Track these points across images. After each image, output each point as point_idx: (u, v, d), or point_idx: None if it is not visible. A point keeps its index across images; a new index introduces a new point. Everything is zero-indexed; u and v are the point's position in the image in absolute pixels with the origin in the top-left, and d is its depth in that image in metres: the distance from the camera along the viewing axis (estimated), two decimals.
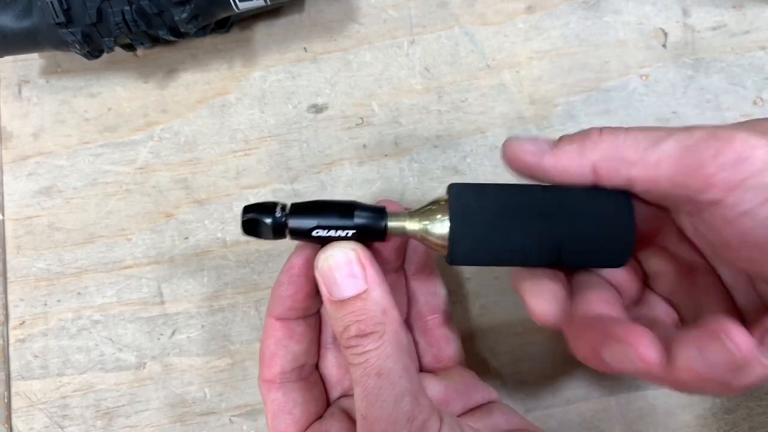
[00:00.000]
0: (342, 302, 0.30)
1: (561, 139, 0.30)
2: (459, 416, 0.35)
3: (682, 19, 0.46)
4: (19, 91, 0.45)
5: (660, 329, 0.28)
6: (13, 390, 0.42)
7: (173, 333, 0.43)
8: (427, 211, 0.31)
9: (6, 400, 0.42)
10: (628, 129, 0.29)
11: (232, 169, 0.44)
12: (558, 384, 0.42)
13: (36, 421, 0.42)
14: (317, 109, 0.45)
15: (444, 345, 0.38)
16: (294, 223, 0.31)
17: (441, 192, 0.43)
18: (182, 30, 0.40)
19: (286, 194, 0.44)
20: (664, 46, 0.46)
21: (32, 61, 0.46)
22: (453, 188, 0.31)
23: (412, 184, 0.44)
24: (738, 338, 0.25)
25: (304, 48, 0.46)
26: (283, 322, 0.34)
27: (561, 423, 0.42)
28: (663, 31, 0.46)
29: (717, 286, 0.33)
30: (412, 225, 0.31)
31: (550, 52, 0.45)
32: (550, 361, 0.43)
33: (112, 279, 0.43)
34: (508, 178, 0.43)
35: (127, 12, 0.38)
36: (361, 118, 0.45)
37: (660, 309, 0.34)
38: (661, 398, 0.42)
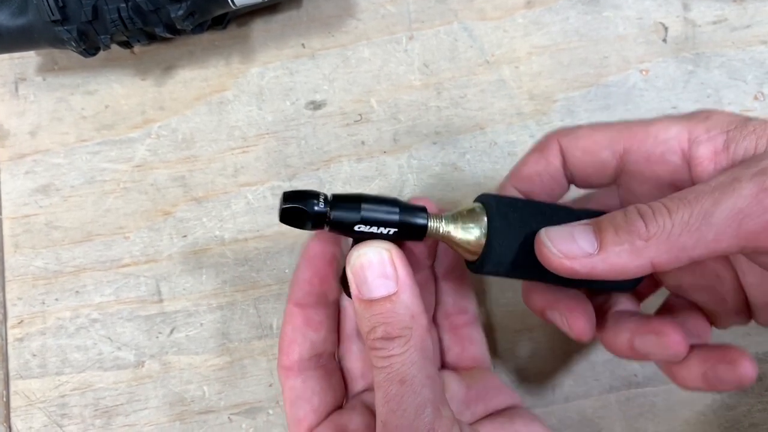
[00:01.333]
0: (371, 302, 0.30)
1: (604, 236, 0.28)
2: (479, 420, 0.35)
3: (682, 13, 0.45)
4: (16, 89, 0.45)
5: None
6: (12, 389, 0.42)
7: (172, 331, 0.42)
8: (463, 217, 0.32)
9: (5, 399, 0.42)
10: (668, 208, 0.27)
11: (230, 167, 0.44)
12: (557, 381, 0.42)
13: (35, 420, 0.42)
14: (315, 105, 0.44)
15: (468, 344, 0.38)
16: (337, 215, 0.30)
17: (441, 189, 0.43)
18: (179, 27, 0.40)
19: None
20: (664, 40, 0.45)
21: (29, 58, 0.45)
22: (488, 199, 0.32)
23: (411, 181, 0.44)
24: (676, 341, 0.31)
25: (302, 44, 0.45)
26: (301, 308, 0.34)
27: (561, 420, 0.42)
28: (663, 25, 0.45)
29: (733, 283, 0.34)
30: (448, 228, 0.31)
31: (550, 47, 0.45)
32: (550, 358, 0.42)
33: (110, 277, 0.43)
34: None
35: (123, 9, 0.38)
36: (360, 115, 0.44)
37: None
38: (662, 395, 0.42)
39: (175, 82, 0.45)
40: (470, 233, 0.31)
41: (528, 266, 0.31)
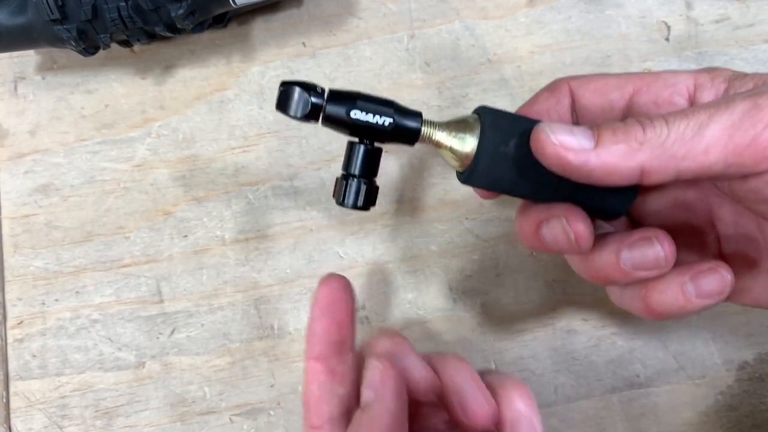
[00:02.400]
0: None
1: (602, 133, 0.28)
2: None
3: (685, 11, 0.45)
4: (15, 88, 0.45)
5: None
6: (12, 390, 0.42)
7: (172, 332, 0.42)
8: (456, 126, 0.32)
9: (5, 401, 0.42)
10: (666, 119, 0.28)
11: (231, 166, 0.44)
12: (560, 381, 0.42)
13: (35, 421, 0.41)
14: None
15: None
16: (333, 103, 0.30)
17: (443, 189, 0.43)
18: (179, 26, 0.39)
19: (285, 191, 0.43)
20: (666, 39, 0.45)
21: (28, 57, 0.45)
22: (485, 111, 0.32)
23: (413, 181, 0.44)
24: (666, 245, 0.30)
25: (303, 43, 0.45)
26: (323, 363, 0.33)
27: (563, 420, 0.42)
28: (666, 24, 0.45)
29: (710, 229, 0.34)
30: (441, 135, 0.32)
31: (552, 46, 0.45)
32: (552, 359, 0.42)
33: (110, 277, 0.43)
34: None
35: (122, 8, 0.38)
36: None
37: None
38: (664, 395, 0.42)
39: (176, 81, 0.45)
40: (463, 142, 0.31)
41: (519, 177, 0.31)
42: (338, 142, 0.44)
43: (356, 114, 0.30)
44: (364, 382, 0.31)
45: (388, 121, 0.31)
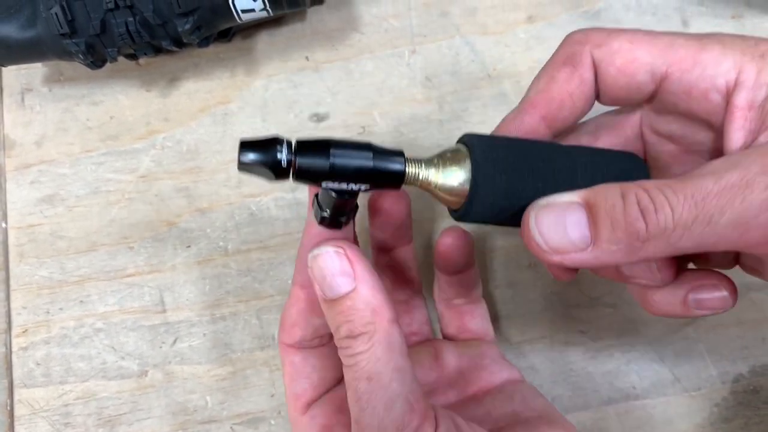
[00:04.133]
0: (332, 301, 0.29)
1: (599, 229, 0.26)
2: (475, 394, 0.36)
3: (681, 29, 0.46)
4: (22, 100, 0.45)
5: None
6: (16, 398, 0.42)
7: (175, 341, 0.43)
8: (445, 160, 0.29)
9: (9, 408, 0.42)
10: (672, 205, 0.25)
11: (234, 178, 0.44)
12: (556, 393, 0.42)
13: (38, 428, 0.42)
14: (319, 118, 0.45)
15: (470, 318, 0.39)
16: (303, 162, 0.27)
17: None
18: (185, 40, 0.40)
19: (287, 202, 0.44)
20: None
21: (35, 69, 0.46)
22: (473, 140, 0.29)
23: (414, 195, 0.44)
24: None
25: (306, 57, 0.46)
26: (306, 292, 0.32)
27: None
28: None
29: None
30: (428, 173, 0.29)
31: None
32: (550, 370, 0.43)
33: (114, 287, 0.43)
34: None
35: (130, 23, 0.38)
36: (363, 128, 0.45)
37: None
38: (660, 407, 0.42)
39: (180, 94, 0.45)
40: (453, 179, 0.29)
41: (515, 215, 0.29)
42: None
43: (328, 185, 0.27)
44: (326, 276, 0.29)
45: (364, 187, 0.28)
